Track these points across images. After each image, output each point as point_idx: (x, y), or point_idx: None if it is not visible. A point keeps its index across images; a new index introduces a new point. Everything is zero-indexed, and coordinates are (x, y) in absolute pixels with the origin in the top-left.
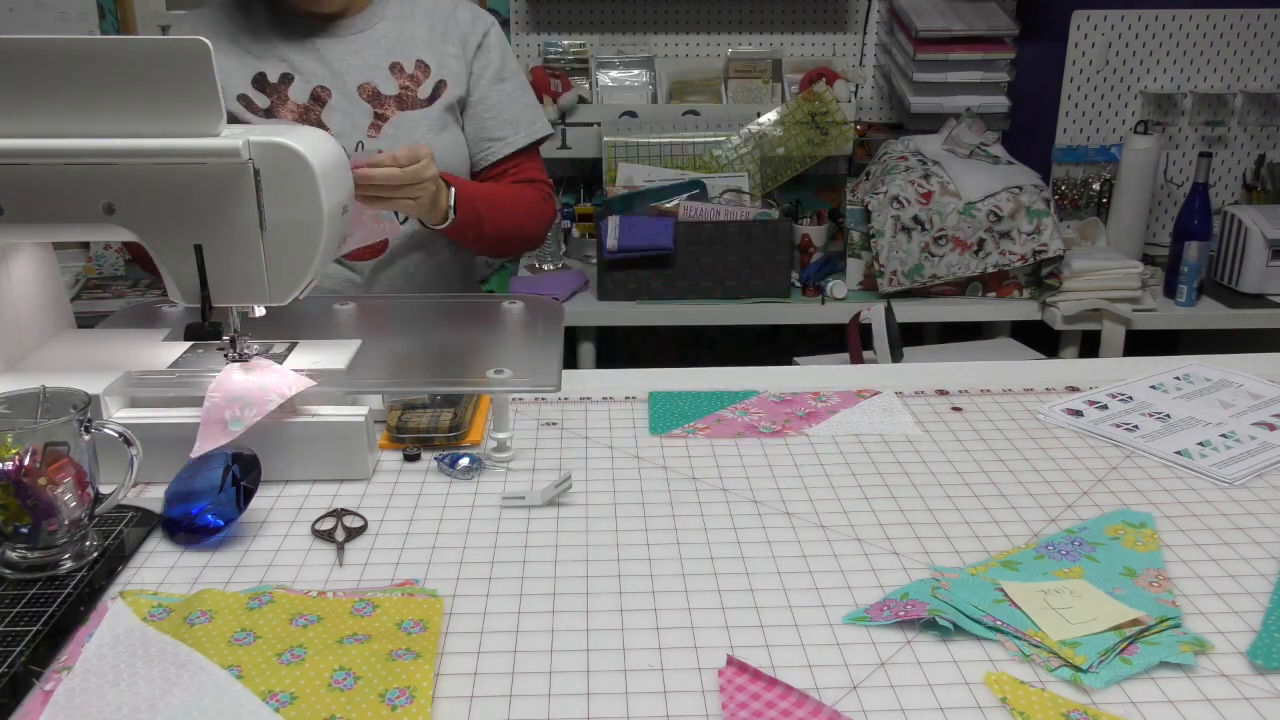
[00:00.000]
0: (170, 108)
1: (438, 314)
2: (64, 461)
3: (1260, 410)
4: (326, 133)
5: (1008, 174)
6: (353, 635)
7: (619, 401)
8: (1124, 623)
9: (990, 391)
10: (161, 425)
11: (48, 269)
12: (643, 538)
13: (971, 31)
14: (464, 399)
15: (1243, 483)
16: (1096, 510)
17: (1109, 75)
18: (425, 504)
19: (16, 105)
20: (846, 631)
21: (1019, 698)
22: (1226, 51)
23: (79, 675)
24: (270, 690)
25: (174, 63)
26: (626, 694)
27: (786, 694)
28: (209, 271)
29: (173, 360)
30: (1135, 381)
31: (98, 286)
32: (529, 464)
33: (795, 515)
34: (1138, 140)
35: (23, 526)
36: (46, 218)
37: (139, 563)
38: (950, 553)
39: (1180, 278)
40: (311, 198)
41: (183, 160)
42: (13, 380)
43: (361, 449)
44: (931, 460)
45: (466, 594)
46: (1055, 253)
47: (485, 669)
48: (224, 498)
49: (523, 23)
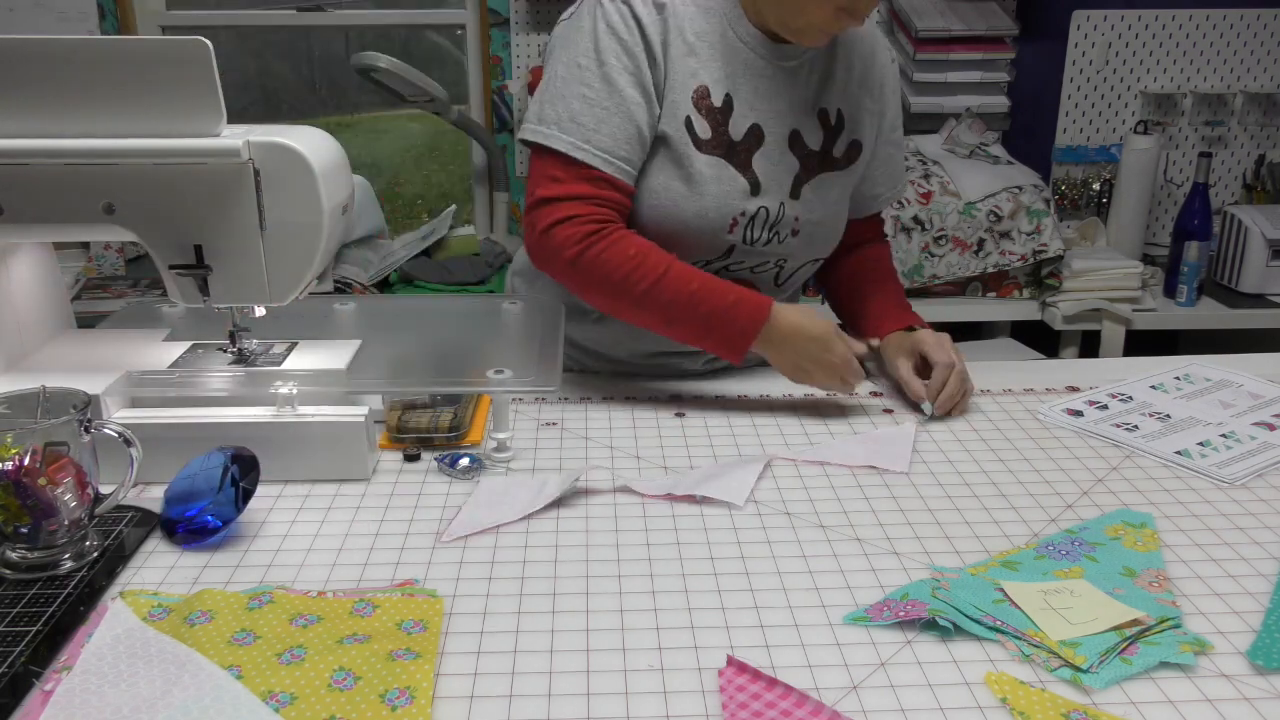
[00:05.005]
0: (170, 108)
1: (437, 314)
2: (64, 461)
3: (1260, 410)
4: (327, 133)
5: (1008, 174)
6: (353, 635)
7: (619, 402)
8: (1124, 623)
9: (990, 391)
10: (161, 425)
11: (48, 269)
12: (643, 538)
13: (971, 31)
14: (464, 399)
15: (1243, 483)
16: (1096, 510)
17: (1109, 75)
18: (425, 504)
19: (16, 105)
20: (846, 631)
21: (1019, 698)
22: (1226, 51)
23: (79, 675)
24: (270, 690)
25: (174, 63)
26: (626, 694)
27: (786, 694)
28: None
29: (173, 360)
30: (1135, 381)
31: (98, 286)
32: (529, 464)
33: (795, 515)
34: (1138, 140)
35: (23, 526)
36: (46, 218)
37: (139, 563)
38: (950, 553)
39: (1180, 278)
40: (311, 198)
41: (183, 160)
42: (13, 380)
43: (361, 449)
44: (931, 460)
45: (466, 594)
46: (1055, 253)
47: (485, 669)
48: (223, 498)
49: (523, 23)
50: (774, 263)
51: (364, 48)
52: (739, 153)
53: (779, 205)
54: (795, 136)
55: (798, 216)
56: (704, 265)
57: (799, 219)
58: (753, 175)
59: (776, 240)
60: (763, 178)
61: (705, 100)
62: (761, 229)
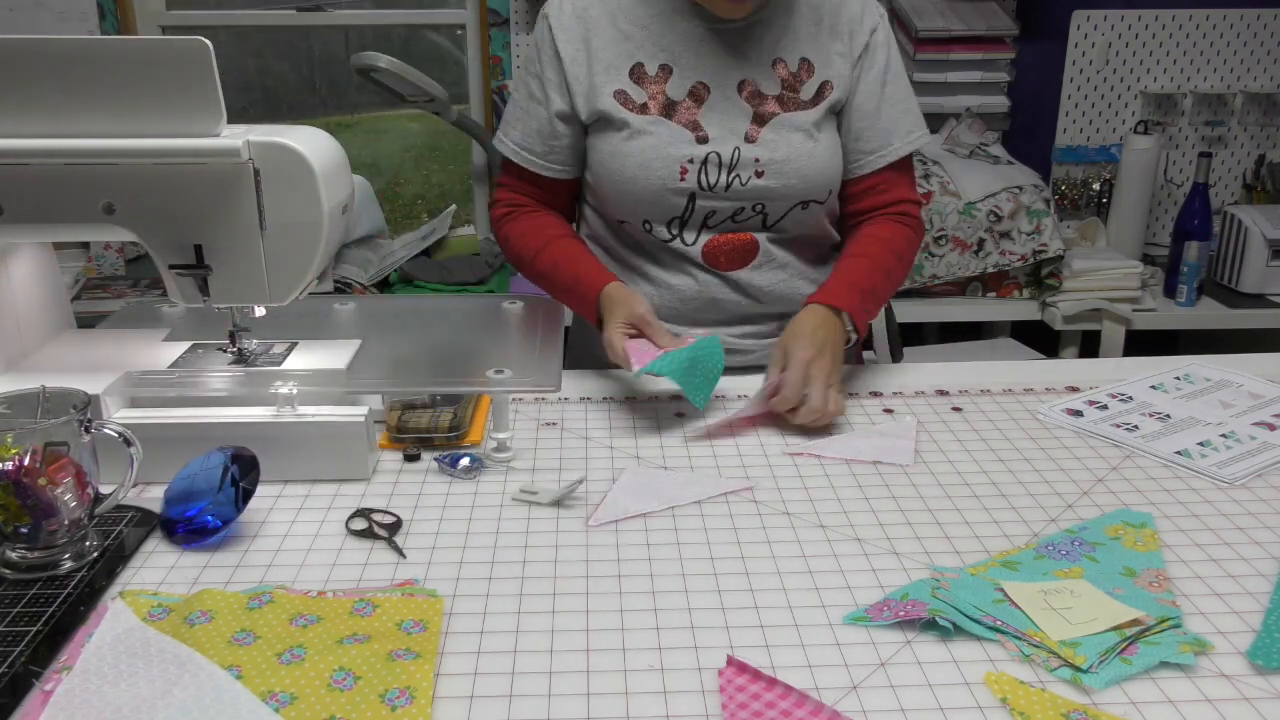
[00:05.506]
0: (170, 108)
1: (437, 314)
2: (64, 461)
3: (1260, 410)
4: (327, 133)
5: (1008, 174)
6: (353, 635)
7: (619, 401)
8: (1124, 623)
9: (990, 391)
10: (161, 425)
11: (48, 269)
12: (643, 538)
13: (971, 31)
14: (464, 399)
15: (1243, 483)
16: (1096, 510)
17: (1109, 75)
18: (425, 504)
19: (16, 105)
20: (846, 631)
21: (1019, 698)
22: (1226, 51)
23: (79, 675)
24: (270, 690)
25: (174, 63)
26: (626, 694)
27: (786, 694)
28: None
29: (173, 360)
30: (1135, 381)
31: (98, 286)
32: (529, 464)
33: (795, 515)
34: (1138, 140)
35: (23, 526)
36: (46, 218)
37: (139, 563)
38: (950, 553)
39: (1180, 278)
40: (311, 198)
41: (183, 160)
42: (13, 380)
43: (361, 449)
44: (931, 460)
45: (466, 594)
46: (1055, 253)
47: (485, 669)
48: (223, 498)
49: (523, 23)
50: (752, 208)
51: (364, 48)
52: (680, 108)
53: (733, 150)
54: (746, 85)
55: (757, 158)
56: (679, 221)
57: (759, 160)
58: (697, 124)
59: (739, 183)
60: (710, 126)
61: (641, 71)
62: (718, 173)
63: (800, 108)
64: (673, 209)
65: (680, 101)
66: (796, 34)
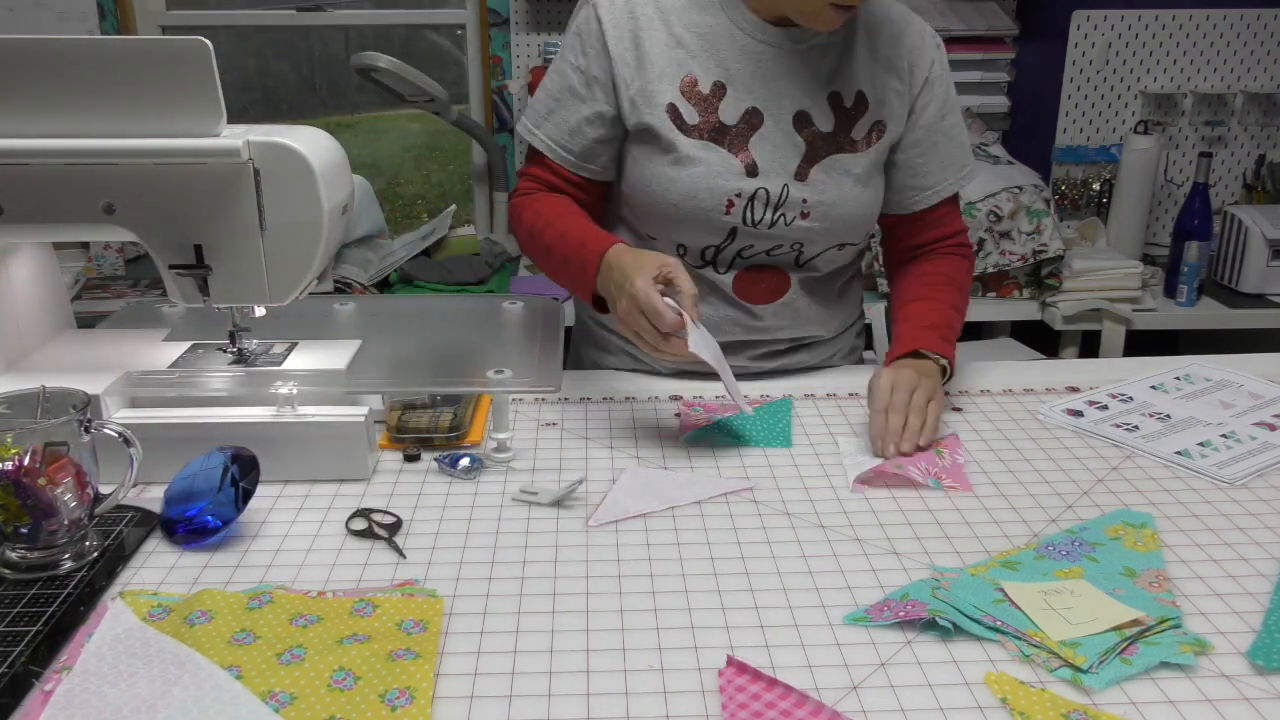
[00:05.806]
0: (170, 108)
1: (437, 314)
2: (64, 461)
3: (1260, 410)
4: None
5: (1008, 174)
6: (353, 635)
7: (619, 402)
8: (1124, 623)
9: (990, 392)
10: (161, 425)
11: (48, 269)
12: (643, 538)
13: (971, 31)
14: (464, 399)
15: (1243, 483)
16: (1097, 510)
17: (1109, 75)
18: (425, 504)
19: (16, 105)
20: (846, 631)
21: (1019, 698)
22: (1226, 51)
23: (79, 675)
24: (270, 690)
25: (174, 63)
26: (626, 694)
27: (786, 694)
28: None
29: (173, 360)
30: (1135, 381)
31: (98, 286)
32: (529, 464)
33: (795, 515)
34: (1138, 140)
35: (23, 526)
36: (46, 218)
37: (139, 563)
38: (950, 553)
39: (1180, 278)
40: (311, 198)
41: (183, 160)
42: (13, 380)
43: (361, 449)
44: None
45: (466, 594)
46: (1055, 253)
47: (485, 669)
48: (223, 498)
49: (523, 23)
50: (789, 246)
51: (364, 48)
52: (732, 135)
53: (781, 187)
54: (802, 118)
55: (805, 199)
56: (715, 250)
57: (807, 201)
58: (749, 157)
59: (784, 222)
60: (761, 159)
61: (694, 89)
62: (764, 210)
63: (853, 149)
64: (711, 239)
65: (732, 127)
66: (854, 63)
